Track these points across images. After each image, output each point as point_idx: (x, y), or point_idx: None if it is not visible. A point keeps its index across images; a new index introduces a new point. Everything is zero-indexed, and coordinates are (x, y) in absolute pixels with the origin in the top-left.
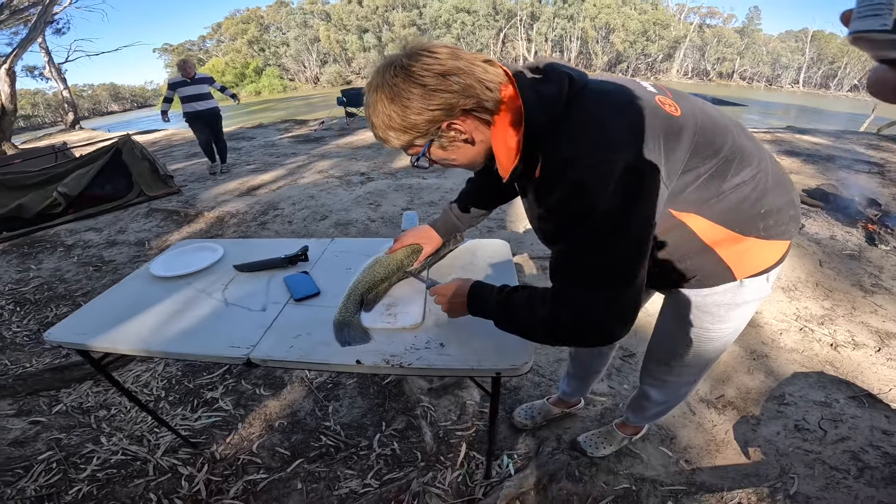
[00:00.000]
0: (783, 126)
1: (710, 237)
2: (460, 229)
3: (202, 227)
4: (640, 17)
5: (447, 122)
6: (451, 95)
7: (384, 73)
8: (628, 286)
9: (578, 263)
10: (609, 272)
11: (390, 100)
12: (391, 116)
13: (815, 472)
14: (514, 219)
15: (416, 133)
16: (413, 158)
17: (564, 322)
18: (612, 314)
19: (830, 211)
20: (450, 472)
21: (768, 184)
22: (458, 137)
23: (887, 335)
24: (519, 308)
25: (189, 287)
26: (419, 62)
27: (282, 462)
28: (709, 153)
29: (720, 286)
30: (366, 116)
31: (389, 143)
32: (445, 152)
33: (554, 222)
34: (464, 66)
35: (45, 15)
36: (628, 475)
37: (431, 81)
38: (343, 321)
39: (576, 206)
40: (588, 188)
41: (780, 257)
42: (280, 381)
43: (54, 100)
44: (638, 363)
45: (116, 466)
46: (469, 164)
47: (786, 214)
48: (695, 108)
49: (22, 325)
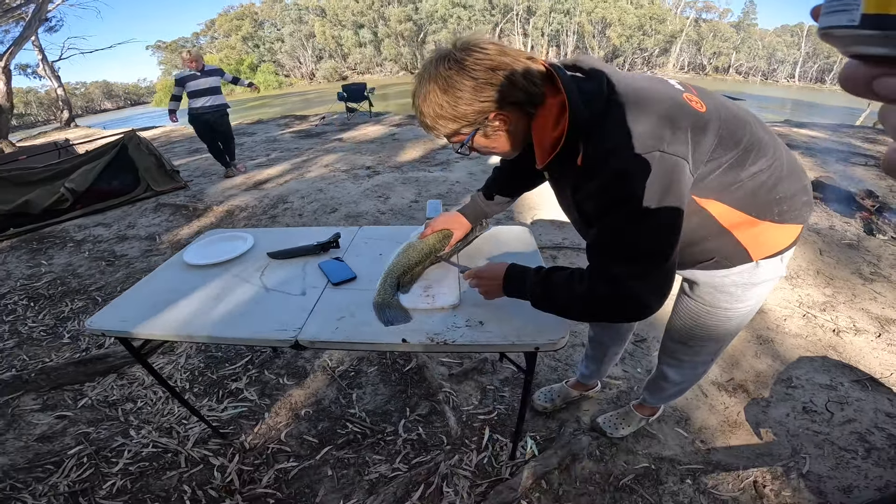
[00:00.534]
0: (780, 120)
1: (728, 221)
2: (487, 215)
3: (212, 220)
4: (636, 11)
5: (494, 113)
6: (499, 88)
7: (438, 65)
8: (665, 261)
9: (618, 242)
10: (646, 249)
11: (443, 90)
12: (443, 106)
13: (825, 453)
14: (523, 209)
15: (465, 122)
16: (456, 146)
17: (603, 296)
18: (649, 287)
19: (829, 202)
20: (475, 455)
21: (783, 172)
22: (502, 128)
23: (887, 321)
24: (558, 286)
25: (226, 274)
26: (471, 56)
27: (310, 450)
28: (730, 144)
29: (737, 267)
30: (414, 106)
31: (436, 132)
32: (488, 140)
33: (594, 206)
34: (510, 61)
35: (40, 13)
36: (647, 455)
37: (482, 75)
38: (383, 302)
39: (616, 191)
40: (629, 175)
41: (794, 240)
42: (303, 370)
43: (47, 98)
44: (649, 348)
45: (148, 459)
46: (508, 152)
47: (799, 200)
48: (718, 105)
49: (38, 320)
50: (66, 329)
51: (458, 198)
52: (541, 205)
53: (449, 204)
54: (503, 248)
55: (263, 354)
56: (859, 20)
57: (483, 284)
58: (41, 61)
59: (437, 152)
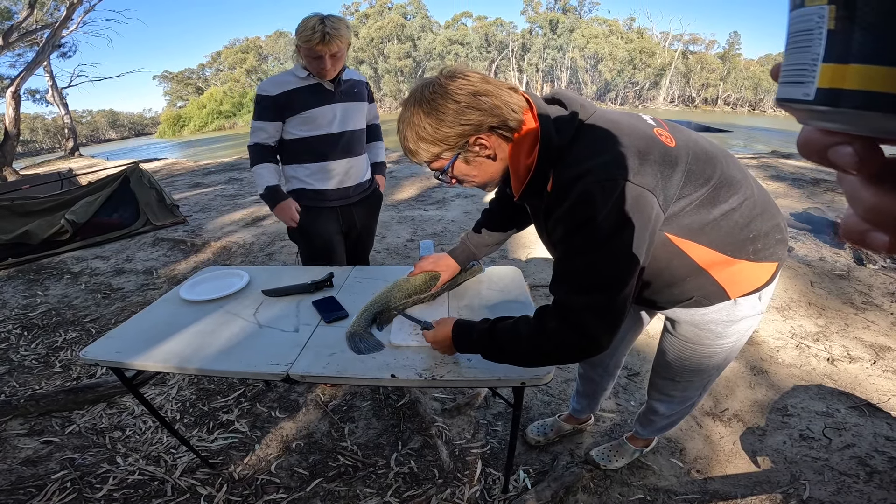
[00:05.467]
0: (768, 151)
1: (705, 261)
2: (477, 257)
3: (209, 256)
4: (626, 45)
5: (475, 137)
6: (480, 113)
7: (423, 90)
8: (617, 294)
9: (576, 267)
10: (600, 279)
11: (426, 113)
12: (425, 128)
13: (825, 478)
14: (517, 248)
15: (446, 146)
16: (437, 172)
17: (552, 330)
18: (600, 321)
19: (818, 233)
20: (467, 488)
21: (755, 210)
22: (482, 153)
23: (881, 348)
24: (503, 331)
25: (221, 310)
26: (455, 82)
27: (301, 482)
28: (700, 181)
29: (716, 305)
30: (398, 130)
31: (417, 156)
32: (468, 167)
33: (560, 230)
34: (493, 89)
35: (54, 38)
36: (642, 486)
37: (465, 99)
38: (354, 333)
39: (580, 213)
40: (593, 198)
41: (770, 278)
42: (295, 403)
43: (53, 125)
44: (642, 381)
45: (133, 486)
46: (488, 180)
47: (773, 238)
48: (688, 141)
49: (30, 348)
50: (58, 358)
51: (453, 237)
52: (535, 243)
53: (444, 243)
54: (494, 288)
55: (256, 388)
56: (814, 95)
57: (436, 346)
58: (51, 87)
59: (433, 190)
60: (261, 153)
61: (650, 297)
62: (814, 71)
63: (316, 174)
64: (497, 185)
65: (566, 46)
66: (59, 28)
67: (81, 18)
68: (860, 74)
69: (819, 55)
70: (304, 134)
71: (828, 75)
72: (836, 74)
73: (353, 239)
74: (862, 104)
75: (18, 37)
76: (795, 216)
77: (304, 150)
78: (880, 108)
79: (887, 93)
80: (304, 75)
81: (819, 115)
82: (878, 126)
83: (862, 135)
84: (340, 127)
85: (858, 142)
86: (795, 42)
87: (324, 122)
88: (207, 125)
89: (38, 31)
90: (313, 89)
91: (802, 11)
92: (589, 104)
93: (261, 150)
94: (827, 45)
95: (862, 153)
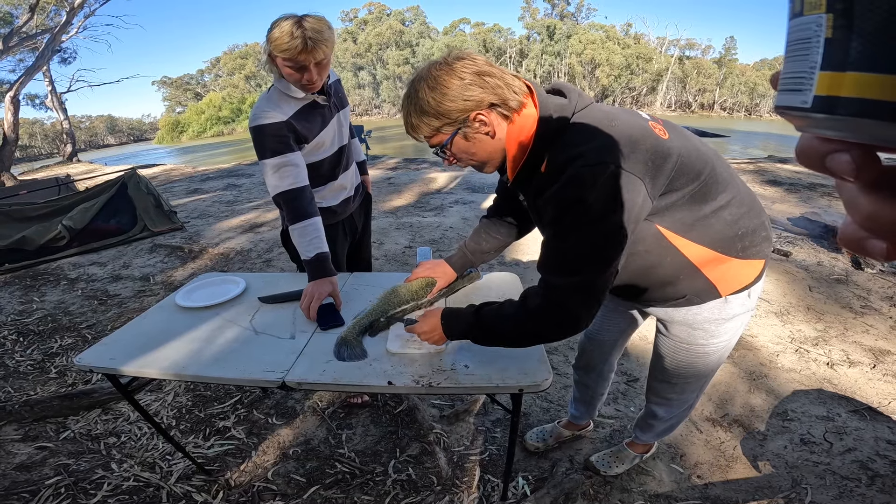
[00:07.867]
0: (765, 156)
1: (697, 258)
2: (474, 264)
3: (206, 263)
4: (623, 51)
5: (475, 113)
6: (482, 90)
7: (430, 68)
8: (600, 274)
9: (561, 247)
10: (585, 259)
11: (431, 88)
12: (428, 102)
13: (827, 482)
14: (517, 254)
15: (447, 120)
16: (436, 148)
17: (534, 307)
18: (579, 299)
19: (815, 238)
20: (466, 496)
21: (742, 207)
22: (482, 129)
23: (881, 352)
24: (490, 312)
25: (216, 317)
26: (461, 62)
27: (298, 489)
28: (692, 175)
29: (707, 303)
30: (402, 107)
31: (418, 130)
32: (468, 143)
33: (550, 210)
34: (496, 71)
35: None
36: (642, 492)
37: (469, 77)
38: (343, 340)
39: (570, 194)
40: (582, 180)
41: (758, 275)
42: (292, 410)
43: (52, 130)
44: (641, 387)
45: (128, 493)
46: (486, 159)
47: (759, 235)
48: (681, 137)
49: (25, 354)
50: (53, 364)
51: (451, 244)
52: (534, 250)
53: (442, 250)
54: (492, 294)
55: (253, 395)
56: (811, 102)
57: (425, 336)
58: (50, 92)
59: (432, 196)
60: (301, 199)
61: (644, 296)
62: (811, 79)
63: (327, 195)
64: (495, 168)
65: (563, 52)
66: (59, 33)
67: (81, 23)
68: (857, 82)
69: (817, 63)
70: (313, 160)
71: (825, 83)
72: (833, 82)
73: (354, 245)
74: (859, 111)
75: (19, 41)
76: (793, 221)
77: (314, 175)
78: (877, 116)
79: (884, 100)
80: (300, 95)
81: (816, 123)
82: (874, 133)
83: (859, 142)
84: (340, 141)
85: (856, 149)
86: (794, 50)
87: (328, 143)
88: (206, 131)
89: (39, 35)
90: (313, 108)
91: (801, 20)
92: (587, 96)
93: (298, 195)
94: (825, 54)
95: (859, 161)
